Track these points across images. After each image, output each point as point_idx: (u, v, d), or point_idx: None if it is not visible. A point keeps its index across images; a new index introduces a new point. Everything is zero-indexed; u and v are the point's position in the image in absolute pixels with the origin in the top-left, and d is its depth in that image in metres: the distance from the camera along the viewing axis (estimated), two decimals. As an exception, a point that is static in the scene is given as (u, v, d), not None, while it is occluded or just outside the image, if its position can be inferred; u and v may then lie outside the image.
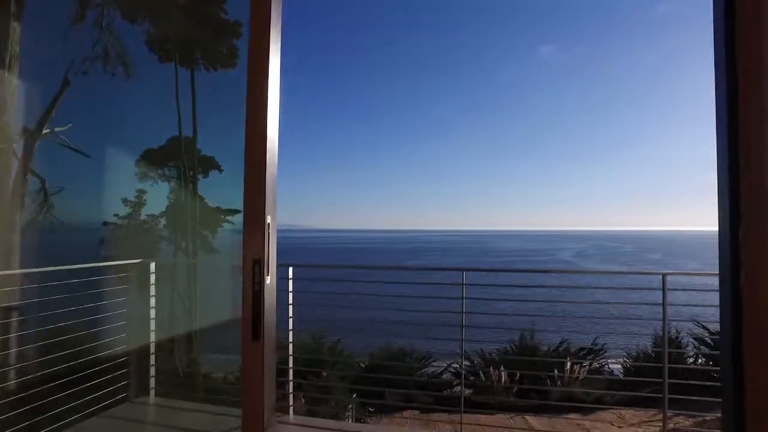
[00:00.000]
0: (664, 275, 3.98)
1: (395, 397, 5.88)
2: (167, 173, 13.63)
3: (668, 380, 3.99)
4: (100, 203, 7.85)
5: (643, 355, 6.47)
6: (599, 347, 7.14)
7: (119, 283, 4.35)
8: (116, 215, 12.18)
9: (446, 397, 5.87)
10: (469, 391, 6.20)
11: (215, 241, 14.12)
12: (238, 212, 14.96)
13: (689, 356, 6.41)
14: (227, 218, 14.56)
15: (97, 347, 4.02)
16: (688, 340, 6.70)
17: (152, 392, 4.19)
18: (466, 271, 4.60)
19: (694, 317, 6.96)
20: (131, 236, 11.82)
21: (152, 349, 4.25)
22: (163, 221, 13.10)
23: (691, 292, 4.54)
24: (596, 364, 6.77)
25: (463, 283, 4.56)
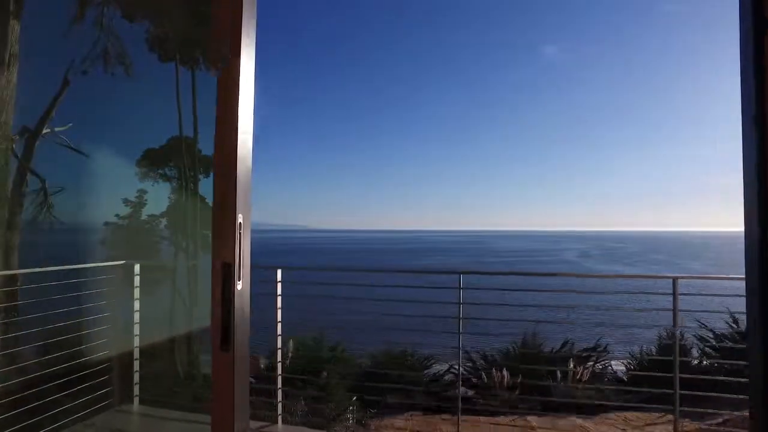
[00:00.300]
0: (675, 279, 3.80)
1: (395, 399, 5.83)
2: (168, 173, 13.63)
3: (679, 390, 3.81)
4: (100, 203, 7.83)
5: (647, 357, 6.40)
6: (602, 348, 7.09)
7: (102, 285, 4.17)
8: (117, 215, 12.17)
9: (447, 398, 5.82)
10: (471, 392, 6.15)
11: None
12: (239, 212, 14.99)
13: (694, 358, 6.35)
14: (228, 218, 14.61)
15: (77, 353, 3.83)
16: (692, 341, 6.63)
17: (136, 400, 4.02)
18: (463, 274, 4.38)
19: (698, 318, 6.89)
20: (132, 236, 11.79)
21: (136, 354, 4.07)
22: (164, 221, 13.12)
23: (694, 293, 4.43)
24: (599, 365, 6.72)
25: (460, 287, 4.34)
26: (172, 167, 13.62)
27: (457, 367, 6.50)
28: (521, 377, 5.86)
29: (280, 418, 4.22)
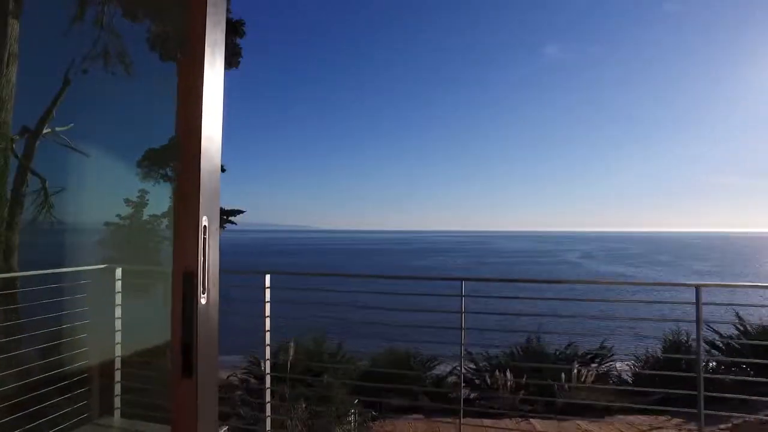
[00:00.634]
0: (697, 287, 3.53)
1: (397, 401, 5.78)
2: (169, 173, 13.61)
3: (703, 393, 3.51)
4: (101, 203, 7.78)
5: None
6: (607, 350, 7.02)
7: (82, 291, 3.93)
8: (118, 215, 12.13)
9: (450, 400, 5.76)
10: (474, 394, 6.09)
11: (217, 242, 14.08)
12: (240, 212, 14.96)
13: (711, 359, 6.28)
14: (229, 218, 14.57)
15: (54, 362, 3.61)
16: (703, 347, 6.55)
17: (117, 412, 3.79)
18: (465, 280, 4.07)
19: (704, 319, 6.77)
20: (133, 237, 11.74)
21: (118, 364, 3.84)
22: (165, 221, 13.10)
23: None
24: (604, 367, 6.66)
25: (462, 294, 4.03)
26: (173, 167, 13.60)
27: (459, 369, 6.45)
28: (525, 378, 5.79)
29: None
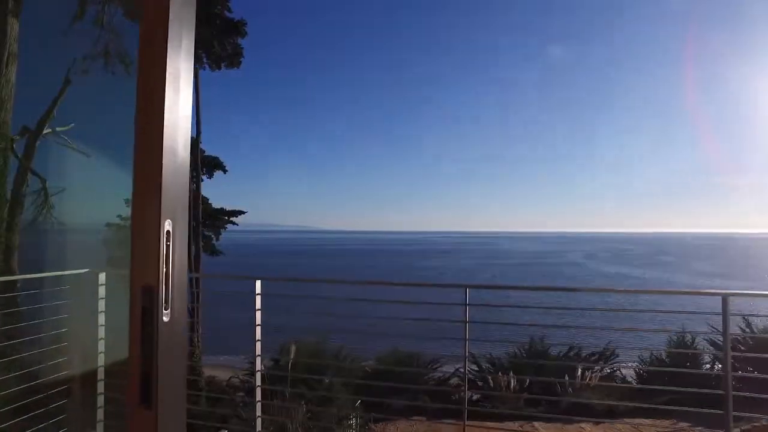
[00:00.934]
0: (725, 296, 3.32)
1: (400, 403, 5.74)
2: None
3: (732, 414, 3.13)
4: (102, 204, 7.74)
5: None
6: (610, 351, 6.97)
7: (62, 297, 3.66)
8: (119, 216, 12.12)
9: (452, 402, 5.71)
10: (477, 395, 6.05)
11: (218, 243, 14.12)
12: (242, 213, 14.92)
13: (705, 363, 6.23)
14: (230, 219, 14.55)
15: (31, 373, 3.39)
16: (704, 345, 6.49)
17: (100, 426, 3.57)
18: (469, 287, 3.85)
19: (707, 320, 6.71)
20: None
21: (101, 374, 3.59)
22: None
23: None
24: (608, 369, 6.60)
25: (466, 303, 3.75)
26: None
27: (462, 371, 6.40)
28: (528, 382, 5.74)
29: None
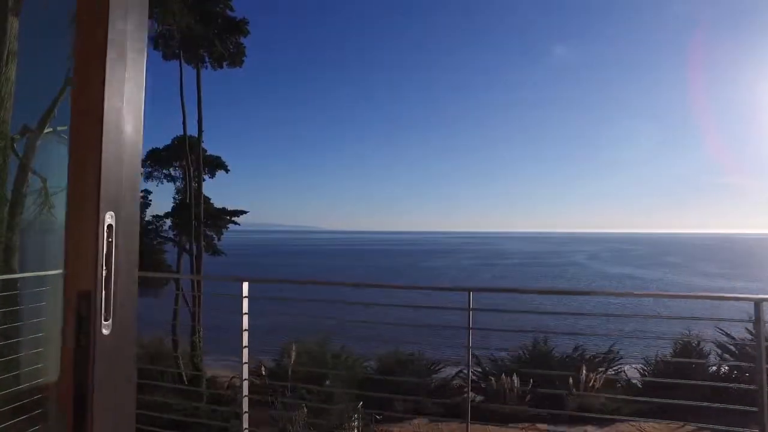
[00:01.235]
0: (758, 302, 3.15)
1: (401, 405, 5.68)
2: (173, 173, 13.63)
3: None
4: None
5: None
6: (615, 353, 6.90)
7: (38, 299, 3.47)
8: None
9: (455, 404, 5.65)
10: (480, 397, 5.99)
11: (220, 242, 14.07)
12: (243, 213, 14.87)
13: (712, 365, 6.15)
14: (232, 219, 14.51)
15: (3, 381, 3.15)
16: (710, 347, 6.41)
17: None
18: (473, 291, 3.61)
19: (715, 324, 6.65)
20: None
21: None
22: (168, 222, 13.09)
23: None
24: (611, 371, 6.54)
25: (469, 308, 3.54)
26: (176, 167, 13.62)
27: (465, 372, 6.34)
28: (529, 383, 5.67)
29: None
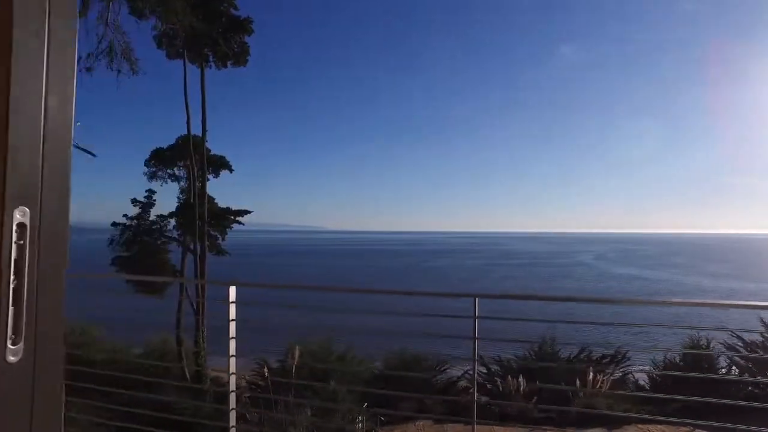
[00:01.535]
0: None
1: (406, 406, 5.65)
2: (177, 173, 13.66)
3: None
4: (108, 203, 7.73)
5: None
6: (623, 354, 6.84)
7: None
8: (125, 215, 12.17)
9: (460, 405, 5.61)
10: (485, 398, 5.95)
11: (224, 243, 14.09)
12: (247, 212, 14.88)
13: (722, 367, 6.09)
14: (237, 219, 14.52)
15: None
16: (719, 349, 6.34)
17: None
18: (479, 297, 3.49)
19: (723, 325, 6.57)
20: (140, 237, 11.70)
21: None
22: (172, 222, 13.12)
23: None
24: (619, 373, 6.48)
25: (475, 315, 3.39)
26: (180, 167, 13.65)
27: (471, 373, 6.29)
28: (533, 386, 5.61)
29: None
